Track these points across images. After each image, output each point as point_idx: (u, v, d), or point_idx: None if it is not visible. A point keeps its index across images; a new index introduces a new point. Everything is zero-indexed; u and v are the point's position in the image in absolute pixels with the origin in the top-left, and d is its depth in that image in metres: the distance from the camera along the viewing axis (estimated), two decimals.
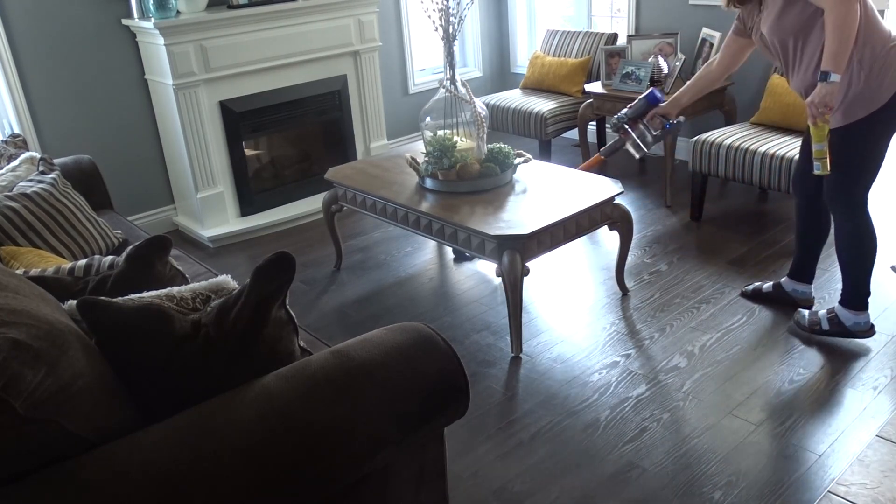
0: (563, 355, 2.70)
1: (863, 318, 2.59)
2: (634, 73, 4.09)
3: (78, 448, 1.13)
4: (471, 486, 2.10)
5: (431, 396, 1.40)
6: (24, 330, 1.07)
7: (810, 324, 2.70)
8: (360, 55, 4.31)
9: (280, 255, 1.29)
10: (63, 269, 1.83)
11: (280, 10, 3.84)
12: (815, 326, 2.68)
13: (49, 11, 3.49)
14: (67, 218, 2.44)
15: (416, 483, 1.52)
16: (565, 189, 2.85)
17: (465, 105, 3.01)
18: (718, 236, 3.53)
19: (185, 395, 1.28)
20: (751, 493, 1.99)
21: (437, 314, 3.04)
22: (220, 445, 1.18)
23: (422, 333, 1.46)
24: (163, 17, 3.52)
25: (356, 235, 3.87)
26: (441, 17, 2.91)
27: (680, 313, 2.91)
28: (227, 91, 3.86)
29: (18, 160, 2.69)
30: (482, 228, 2.56)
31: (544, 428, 2.32)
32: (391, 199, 2.91)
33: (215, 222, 3.99)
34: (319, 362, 1.34)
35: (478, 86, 5.37)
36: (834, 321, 2.63)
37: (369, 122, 4.50)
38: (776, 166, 3.25)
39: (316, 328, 2.99)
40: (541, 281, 3.24)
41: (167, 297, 1.41)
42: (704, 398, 2.40)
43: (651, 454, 2.17)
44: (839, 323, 2.61)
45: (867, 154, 2.42)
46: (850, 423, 2.23)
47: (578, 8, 5.09)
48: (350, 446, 1.28)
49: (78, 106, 3.68)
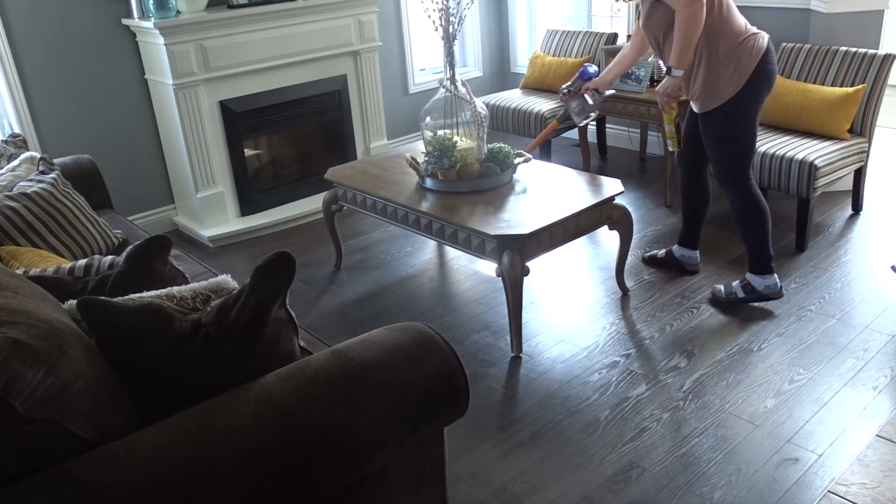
0: (562, 355, 2.70)
1: (772, 281, 2.84)
2: (634, 72, 4.09)
3: (78, 448, 1.13)
4: (471, 486, 2.10)
5: (431, 396, 1.40)
6: (24, 330, 1.07)
7: (727, 294, 2.94)
8: (360, 55, 4.31)
9: (280, 255, 1.29)
10: (63, 268, 1.83)
11: (280, 10, 3.83)
12: (732, 296, 2.92)
13: (49, 11, 3.49)
14: (67, 218, 2.44)
15: (416, 483, 1.52)
16: (565, 189, 2.85)
17: (465, 105, 3.01)
18: (718, 236, 3.53)
19: (185, 395, 1.28)
20: (751, 492, 1.99)
21: (437, 314, 3.04)
22: (219, 445, 1.18)
23: (422, 333, 1.46)
24: (163, 16, 3.52)
25: (356, 235, 3.87)
26: (441, 16, 2.91)
27: (680, 313, 2.91)
28: (227, 91, 3.86)
29: (18, 160, 2.69)
30: (482, 228, 2.56)
31: (544, 428, 2.32)
32: (391, 198, 2.91)
33: (215, 222, 3.99)
34: (319, 362, 1.34)
35: (478, 85, 5.37)
36: (747, 288, 2.88)
37: (369, 122, 4.50)
38: (776, 166, 3.25)
39: (316, 328, 2.99)
40: (541, 281, 3.24)
41: (167, 296, 1.41)
42: (704, 398, 2.40)
43: (651, 454, 2.17)
44: (752, 289, 2.87)
45: (731, 139, 2.71)
46: (850, 423, 2.23)
47: (578, 8, 5.09)
48: (350, 446, 1.28)
49: (78, 106, 3.68)
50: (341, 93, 4.32)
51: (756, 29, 2.66)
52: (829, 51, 3.54)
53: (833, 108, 3.36)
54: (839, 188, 3.82)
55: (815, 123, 3.42)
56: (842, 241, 3.39)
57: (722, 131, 2.71)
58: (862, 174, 3.58)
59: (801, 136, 3.44)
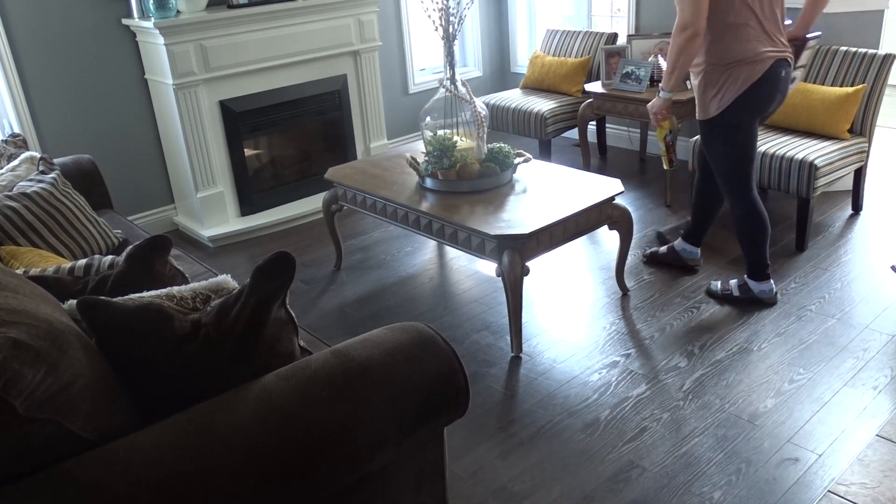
0: (563, 355, 2.70)
1: (767, 286, 2.90)
2: (634, 72, 4.09)
3: (78, 448, 1.13)
4: (471, 486, 2.10)
5: (431, 396, 1.40)
6: (24, 330, 1.07)
7: (722, 290, 2.98)
8: (360, 55, 4.30)
9: (280, 255, 1.29)
10: (63, 268, 1.83)
11: (280, 10, 3.83)
12: (727, 293, 2.97)
13: (49, 11, 3.49)
14: (67, 218, 2.44)
15: (416, 483, 1.52)
16: (565, 189, 2.85)
17: (465, 105, 3.01)
18: (718, 236, 3.53)
19: (185, 395, 1.28)
20: (751, 492, 1.99)
21: (437, 314, 3.04)
22: (219, 445, 1.18)
23: (422, 333, 1.46)
24: (163, 16, 3.52)
25: (356, 235, 3.87)
26: (441, 16, 2.91)
27: (680, 313, 2.91)
28: (227, 91, 3.86)
29: (18, 160, 2.69)
30: (482, 228, 2.56)
31: (544, 428, 2.32)
32: (391, 198, 2.91)
33: (215, 222, 3.99)
34: (319, 362, 1.34)
35: (478, 85, 5.37)
36: (743, 289, 2.93)
37: (369, 122, 4.50)
38: (776, 166, 3.25)
39: (316, 328, 2.99)
40: (541, 281, 3.24)
41: (167, 296, 1.41)
42: (704, 398, 2.40)
43: (651, 454, 2.17)
44: (748, 290, 2.92)
45: (723, 150, 2.73)
46: (850, 423, 2.23)
47: (578, 8, 5.09)
48: (350, 446, 1.28)
49: (78, 106, 3.68)
50: (341, 93, 4.32)
51: (769, 54, 2.56)
52: (829, 51, 3.54)
53: (833, 108, 3.36)
54: (839, 188, 3.82)
55: (815, 123, 3.42)
56: (842, 241, 3.39)
57: (713, 141, 2.73)
58: (862, 174, 3.58)
59: (801, 135, 3.44)
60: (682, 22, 2.48)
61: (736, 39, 2.55)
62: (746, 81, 2.56)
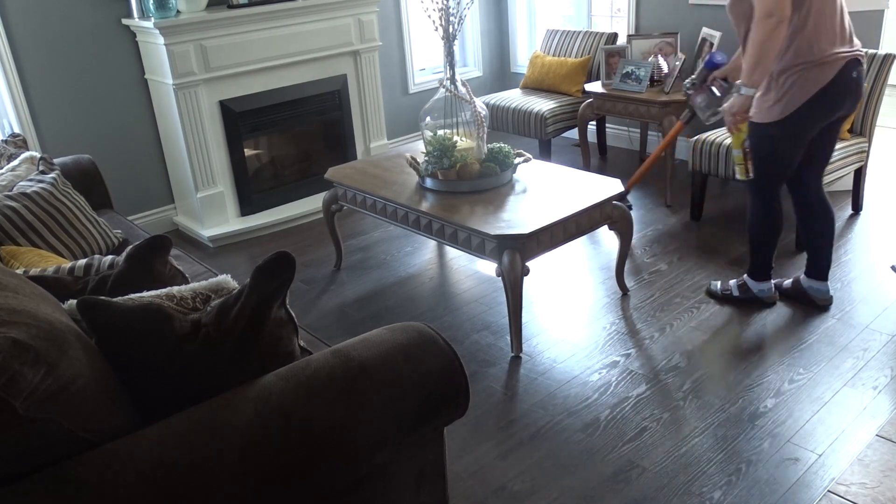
0: (563, 355, 2.70)
1: (767, 286, 2.88)
2: (634, 72, 4.09)
3: (78, 448, 1.13)
4: (471, 486, 2.10)
5: (431, 396, 1.40)
6: (24, 330, 1.07)
7: (722, 290, 2.97)
8: (360, 55, 4.31)
9: (280, 255, 1.29)
10: (63, 268, 1.83)
11: (280, 10, 3.84)
12: (727, 292, 2.95)
13: (49, 11, 3.49)
14: (67, 218, 2.44)
15: (416, 483, 1.52)
16: (565, 189, 2.85)
17: (465, 105, 3.01)
18: (718, 236, 3.53)
19: (185, 395, 1.28)
20: (751, 492, 1.99)
21: (437, 314, 3.04)
22: (219, 445, 1.18)
23: (422, 333, 1.46)
24: (163, 16, 3.52)
25: (356, 235, 3.87)
26: (441, 16, 2.91)
27: (680, 313, 2.91)
28: (227, 91, 3.86)
29: (18, 160, 2.69)
30: (482, 228, 2.56)
31: (544, 428, 2.32)
32: (391, 198, 2.91)
33: (215, 222, 3.99)
34: (319, 362, 1.34)
35: (478, 85, 5.37)
36: (743, 288, 2.91)
37: (369, 122, 4.50)
38: None
39: (316, 328, 2.99)
40: (541, 281, 3.24)
41: (167, 296, 1.41)
42: (704, 398, 2.40)
43: (651, 454, 2.17)
44: (748, 290, 2.89)
45: (770, 156, 2.58)
46: (850, 422, 2.23)
47: (578, 8, 5.09)
48: (350, 446, 1.28)
49: (78, 106, 3.68)
50: (341, 93, 4.32)
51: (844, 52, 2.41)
52: None
53: None
54: (839, 188, 3.82)
55: None
56: (842, 241, 3.39)
57: (765, 143, 2.55)
58: (862, 174, 3.58)
59: None
60: (766, 9, 2.27)
61: (809, 34, 2.38)
62: (817, 84, 2.40)
